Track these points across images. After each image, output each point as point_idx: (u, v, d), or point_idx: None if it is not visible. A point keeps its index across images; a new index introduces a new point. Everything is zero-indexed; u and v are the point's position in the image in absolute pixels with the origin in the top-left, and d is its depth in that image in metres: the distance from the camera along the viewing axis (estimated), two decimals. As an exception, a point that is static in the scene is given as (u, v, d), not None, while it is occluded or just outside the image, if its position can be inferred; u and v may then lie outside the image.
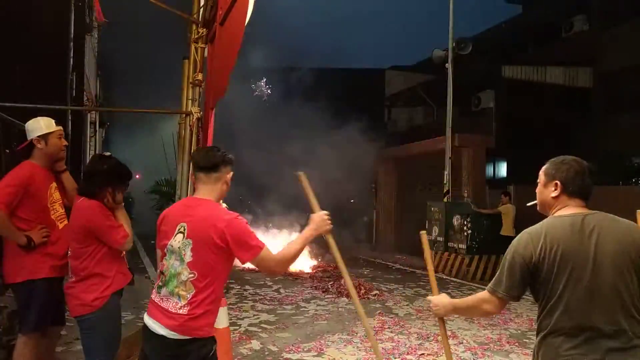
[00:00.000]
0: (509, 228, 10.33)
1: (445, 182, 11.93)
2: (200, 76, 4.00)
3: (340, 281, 9.26)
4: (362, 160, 15.62)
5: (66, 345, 4.82)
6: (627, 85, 14.17)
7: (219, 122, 4.00)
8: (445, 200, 11.75)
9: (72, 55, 7.69)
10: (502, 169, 17.27)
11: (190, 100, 4.01)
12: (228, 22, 3.43)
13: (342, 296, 8.32)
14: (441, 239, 11.46)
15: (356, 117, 14.70)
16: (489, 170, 16.60)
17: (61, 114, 6.45)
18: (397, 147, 15.95)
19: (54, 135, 3.38)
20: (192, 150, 4.24)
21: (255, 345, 5.59)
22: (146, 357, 2.37)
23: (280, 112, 15.57)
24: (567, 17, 16.15)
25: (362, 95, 14.98)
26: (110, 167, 3.08)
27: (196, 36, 4.14)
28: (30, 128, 3.38)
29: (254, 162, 13.46)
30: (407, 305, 7.86)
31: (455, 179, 12.62)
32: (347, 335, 6.08)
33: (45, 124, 3.37)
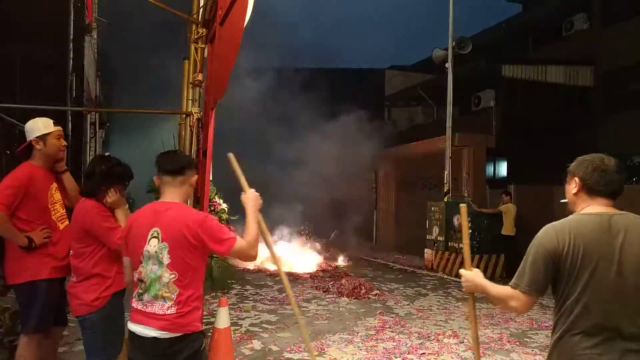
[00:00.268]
0: (509, 227, 10.32)
1: (445, 181, 11.92)
2: (200, 76, 4.00)
3: (341, 281, 9.27)
4: (362, 160, 15.62)
5: (68, 345, 4.83)
6: (628, 84, 14.15)
7: (218, 122, 4.00)
8: (445, 199, 11.74)
9: (71, 56, 7.70)
10: (503, 169, 17.24)
11: (191, 101, 4.01)
12: (228, 22, 3.42)
13: (343, 296, 8.34)
14: (441, 238, 11.46)
15: (356, 116, 14.70)
16: (489, 170, 16.57)
17: (61, 115, 6.47)
18: (397, 147, 15.94)
19: (52, 135, 3.38)
20: (193, 150, 4.24)
21: (256, 345, 5.59)
22: None
23: (280, 112, 15.56)
24: (567, 16, 16.12)
25: (362, 95, 14.97)
26: (109, 167, 3.09)
27: (196, 36, 4.14)
28: (28, 129, 3.38)
29: (253, 162, 13.42)
30: (407, 305, 7.86)
31: (455, 178, 12.62)
32: (347, 334, 6.08)
33: (43, 125, 3.36)
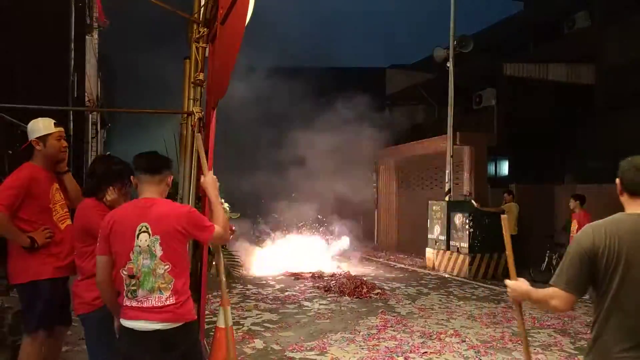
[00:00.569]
0: (511, 226, 10.30)
1: (446, 180, 11.92)
2: (201, 76, 3.99)
3: (342, 280, 9.28)
4: (363, 159, 15.60)
5: (72, 345, 4.83)
6: (630, 82, 14.11)
7: (219, 122, 3.99)
8: (446, 199, 11.73)
9: (73, 56, 7.71)
10: (504, 167, 17.23)
11: (192, 100, 4.00)
12: (229, 21, 3.42)
13: (345, 295, 8.34)
14: (443, 237, 11.45)
15: (357, 116, 14.68)
16: (491, 169, 16.55)
17: (62, 115, 6.48)
18: (399, 146, 15.92)
19: (52, 136, 3.38)
20: (194, 150, 4.23)
21: (258, 344, 5.61)
22: None
23: (280, 112, 15.55)
24: (568, 14, 16.08)
25: (362, 94, 14.96)
26: (108, 166, 3.11)
27: (197, 36, 4.13)
28: (29, 129, 3.39)
29: (252, 164, 13.46)
30: (409, 304, 7.86)
31: (456, 177, 12.61)
32: (349, 333, 6.09)
33: (44, 126, 3.36)
